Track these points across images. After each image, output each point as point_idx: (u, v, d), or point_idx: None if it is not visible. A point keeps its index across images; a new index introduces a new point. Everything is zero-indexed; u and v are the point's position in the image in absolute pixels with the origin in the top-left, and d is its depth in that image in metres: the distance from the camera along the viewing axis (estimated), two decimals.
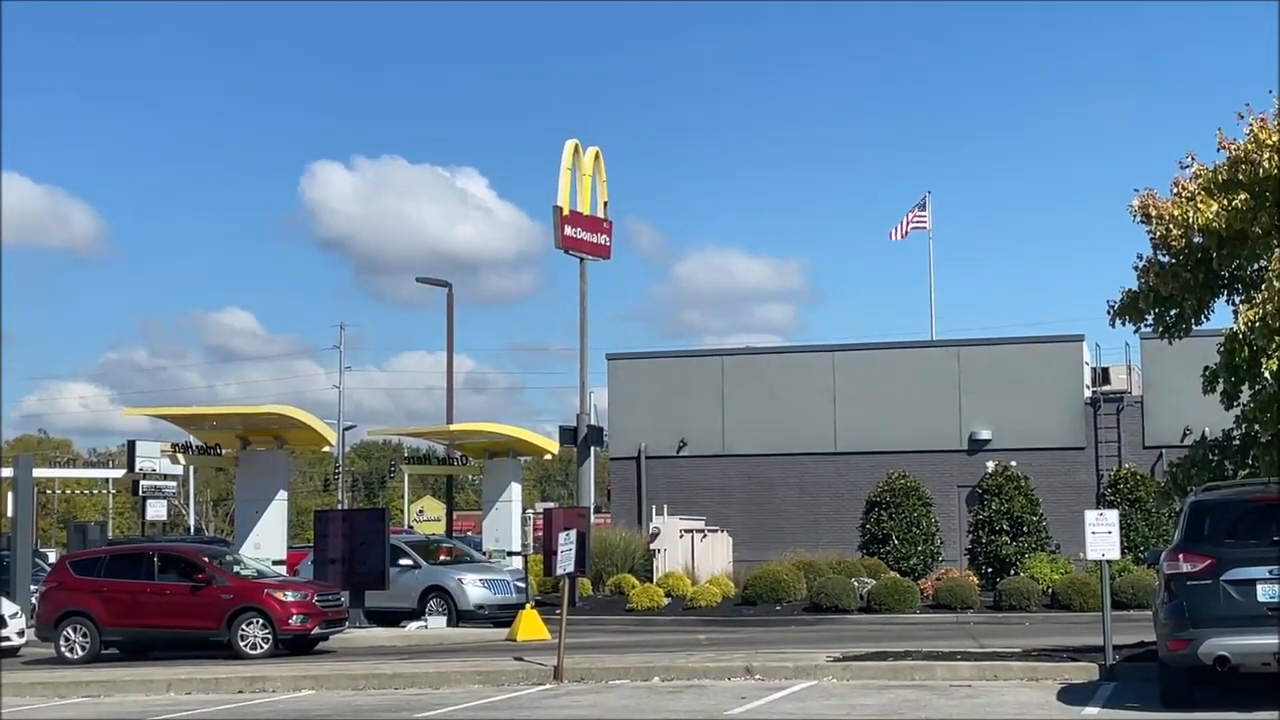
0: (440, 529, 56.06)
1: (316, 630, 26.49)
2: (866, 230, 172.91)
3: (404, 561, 33.27)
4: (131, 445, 45.30)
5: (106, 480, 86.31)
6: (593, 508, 40.95)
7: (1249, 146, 18.78)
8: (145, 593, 26.59)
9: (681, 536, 38.14)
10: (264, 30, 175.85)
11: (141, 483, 49.47)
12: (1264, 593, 14.90)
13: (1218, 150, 19.45)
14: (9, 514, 41.87)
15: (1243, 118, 19.04)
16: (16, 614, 28.20)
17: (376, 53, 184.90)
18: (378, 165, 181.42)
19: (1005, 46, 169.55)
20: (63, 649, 26.40)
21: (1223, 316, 20.41)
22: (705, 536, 39.12)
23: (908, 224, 52.84)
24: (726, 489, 44.53)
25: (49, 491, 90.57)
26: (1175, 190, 19.67)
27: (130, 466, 45.64)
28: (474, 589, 32.52)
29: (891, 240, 53.55)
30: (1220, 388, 19.82)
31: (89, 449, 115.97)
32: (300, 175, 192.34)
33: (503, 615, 31.64)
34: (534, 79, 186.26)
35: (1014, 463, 38.79)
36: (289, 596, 26.34)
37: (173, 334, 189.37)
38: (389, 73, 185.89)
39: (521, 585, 33.00)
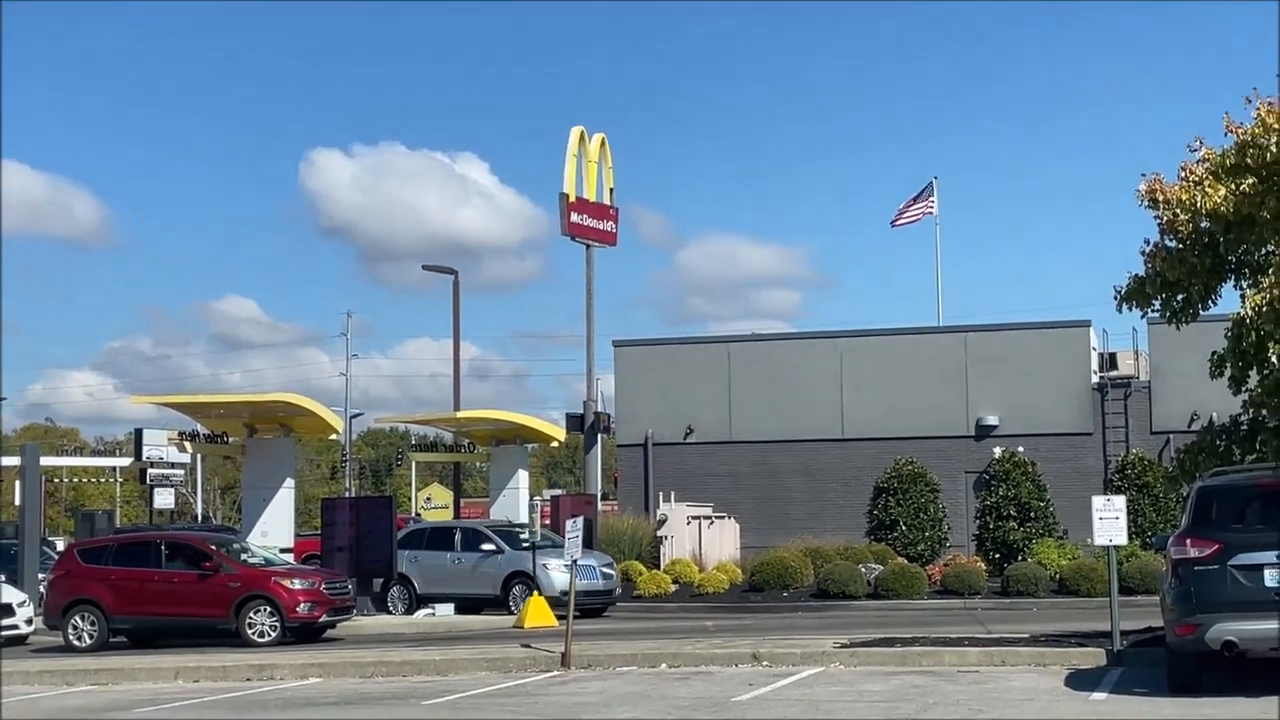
0: (448, 516, 56.08)
1: (324, 618, 26.54)
2: (872, 217, 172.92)
3: (486, 547, 32.34)
4: (139, 434, 45.50)
5: (114, 469, 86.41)
6: (600, 495, 41.02)
7: (1256, 131, 18.73)
8: (153, 581, 26.63)
9: (688, 523, 38.16)
10: (263, 17, 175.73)
11: (149, 471, 49.62)
12: (1271, 578, 14.89)
13: (1225, 135, 19.40)
14: (17, 503, 41.95)
15: (1250, 102, 19.00)
16: (24, 602, 28.27)
17: (372, 39, 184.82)
18: (377, 152, 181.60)
19: (1012, 33, 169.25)
20: (70, 637, 26.44)
21: (1230, 301, 20.39)
22: (712, 523, 39.13)
23: (912, 210, 52.65)
24: (733, 475, 44.52)
25: (56, 480, 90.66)
26: (1182, 175, 19.63)
27: (138, 455, 45.84)
28: (560, 575, 30.28)
29: (895, 228, 53.38)
30: (1228, 373, 19.81)
31: (95, 437, 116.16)
32: (300, 163, 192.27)
33: (589, 603, 30.89)
34: (534, 65, 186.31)
35: (1021, 448, 38.74)
36: (296, 584, 26.37)
37: (176, 322, 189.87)
38: (385, 59, 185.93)
39: (610, 572, 32.24)
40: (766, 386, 44.81)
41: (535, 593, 29.19)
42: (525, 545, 31.96)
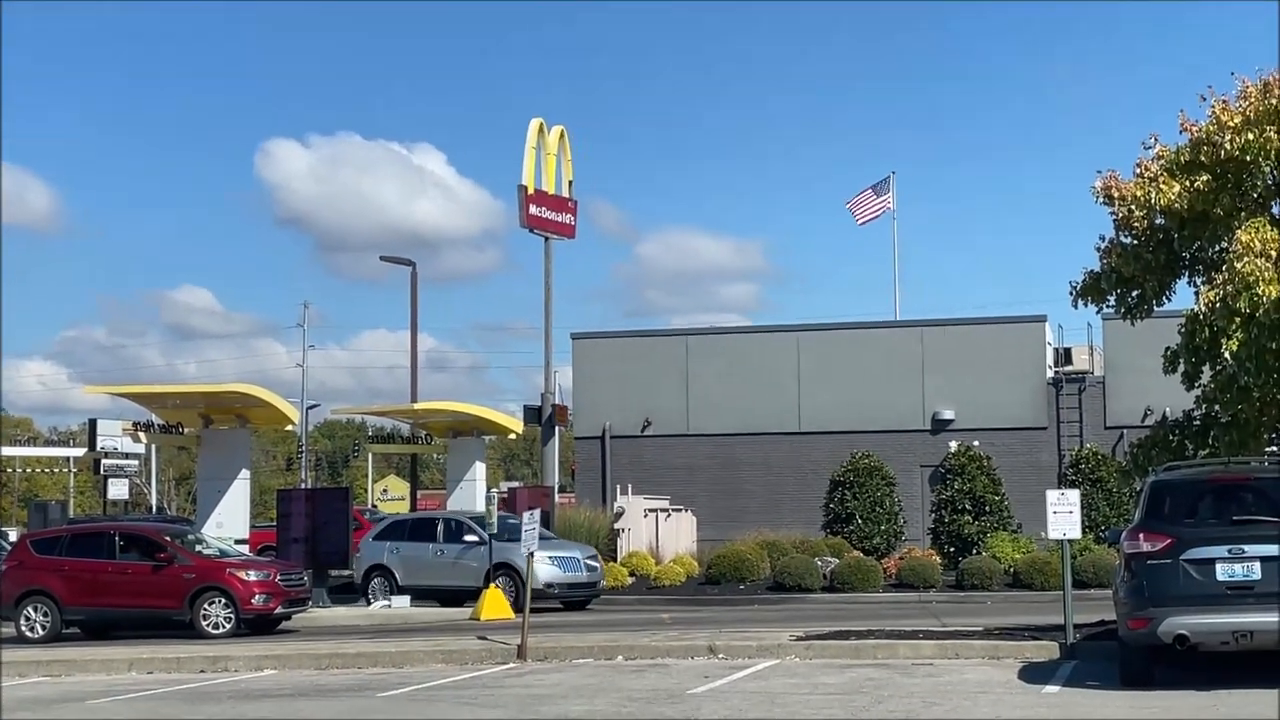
0: (404, 508, 55.95)
1: (279, 610, 26.42)
2: (830, 211, 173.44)
3: (469, 538, 31.70)
4: (93, 424, 45.19)
5: (68, 459, 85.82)
6: (557, 487, 40.98)
7: (1211, 128, 18.89)
8: (107, 572, 26.44)
9: (646, 516, 38.19)
10: (218, 5, 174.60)
11: (103, 461, 49.29)
12: (1223, 572, 15.00)
13: (1180, 132, 19.60)
14: None
15: (1205, 100, 19.17)
16: None
17: (328, 29, 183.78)
18: (333, 143, 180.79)
19: (970, 28, 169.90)
20: (23, 628, 26.22)
21: (1184, 297, 20.59)
22: (669, 516, 39.18)
23: (871, 206, 52.78)
24: (691, 468, 44.59)
25: (9, 470, 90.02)
26: (1138, 171, 19.79)
27: (92, 445, 45.53)
28: (544, 567, 30.04)
29: (860, 226, 53.48)
30: (1181, 368, 19.97)
31: (49, 428, 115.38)
32: (255, 153, 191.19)
33: (573, 595, 30.88)
34: (491, 56, 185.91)
35: (976, 443, 38.97)
36: (251, 576, 26.24)
37: (131, 312, 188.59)
38: (340, 49, 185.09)
39: (594, 564, 31.94)
40: (724, 380, 44.90)
41: (492, 585, 29.12)
42: (507, 537, 31.09)
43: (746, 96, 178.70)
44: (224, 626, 25.60)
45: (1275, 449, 20.48)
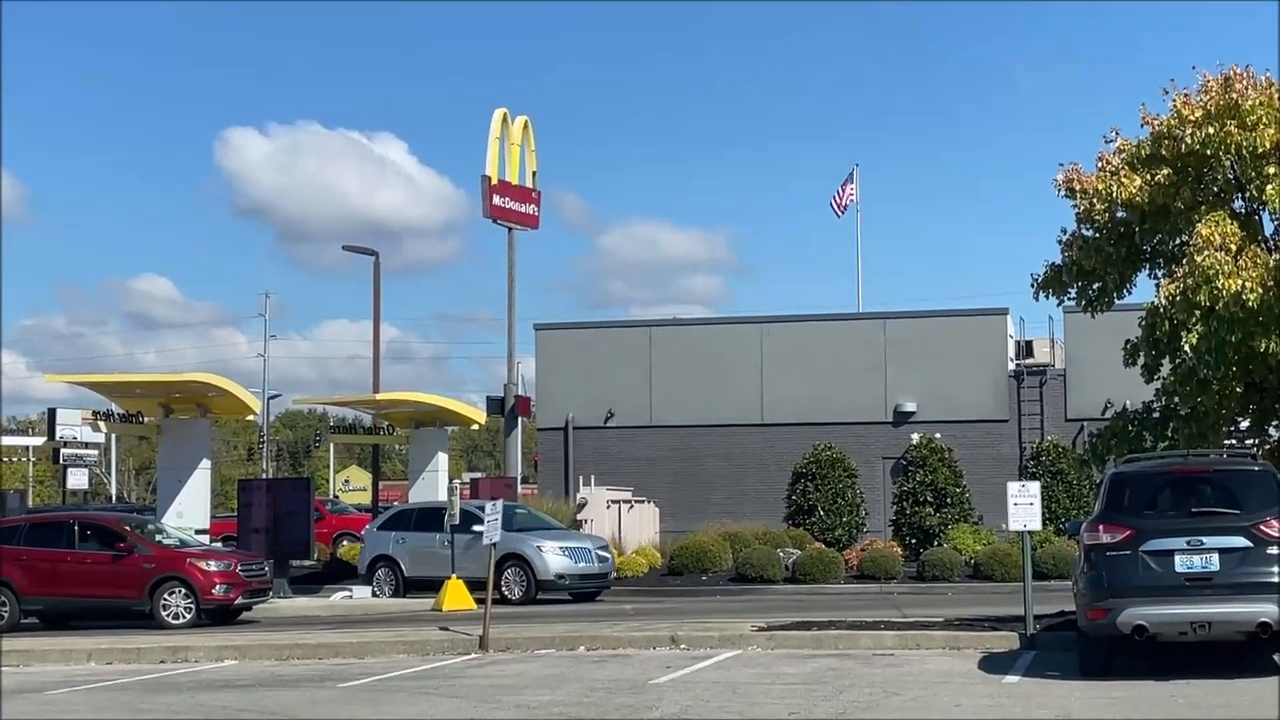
0: (366, 499, 55.75)
1: (240, 600, 26.32)
2: (792, 203, 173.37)
3: (477, 528, 31.30)
4: (52, 413, 44.78)
5: (27, 448, 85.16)
6: (520, 478, 40.92)
7: (1172, 122, 19.01)
8: (66, 561, 26.29)
9: (608, 507, 38.18)
10: None
11: (62, 451, 48.90)
12: (1181, 563, 15.12)
13: (1141, 125, 19.71)
14: None
15: (1167, 93, 19.28)
16: None
17: (286, 17, 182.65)
18: (293, 131, 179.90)
19: (930, 20, 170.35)
20: None
21: (1144, 291, 20.72)
22: (632, 507, 39.19)
23: (844, 198, 52.94)
24: (654, 460, 44.62)
25: None
26: (1099, 165, 19.90)
27: (51, 434, 45.14)
28: (554, 557, 29.93)
29: (836, 216, 53.55)
30: (1141, 361, 20.11)
31: (8, 417, 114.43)
32: (214, 141, 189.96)
33: (583, 586, 30.47)
34: (453, 45, 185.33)
35: (938, 435, 39.08)
36: (212, 566, 26.14)
37: (90, 300, 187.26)
38: (298, 35, 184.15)
39: (605, 554, 31.48)
40: (687, 371, 44.92)
41: (453, 576, 29.02)
42: (516, 528, 30.79)
43: (710, 89, 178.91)
44: (184, 617, 25.49)
45: (1234, 441, 20.65)
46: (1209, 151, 18.60)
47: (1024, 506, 18.81)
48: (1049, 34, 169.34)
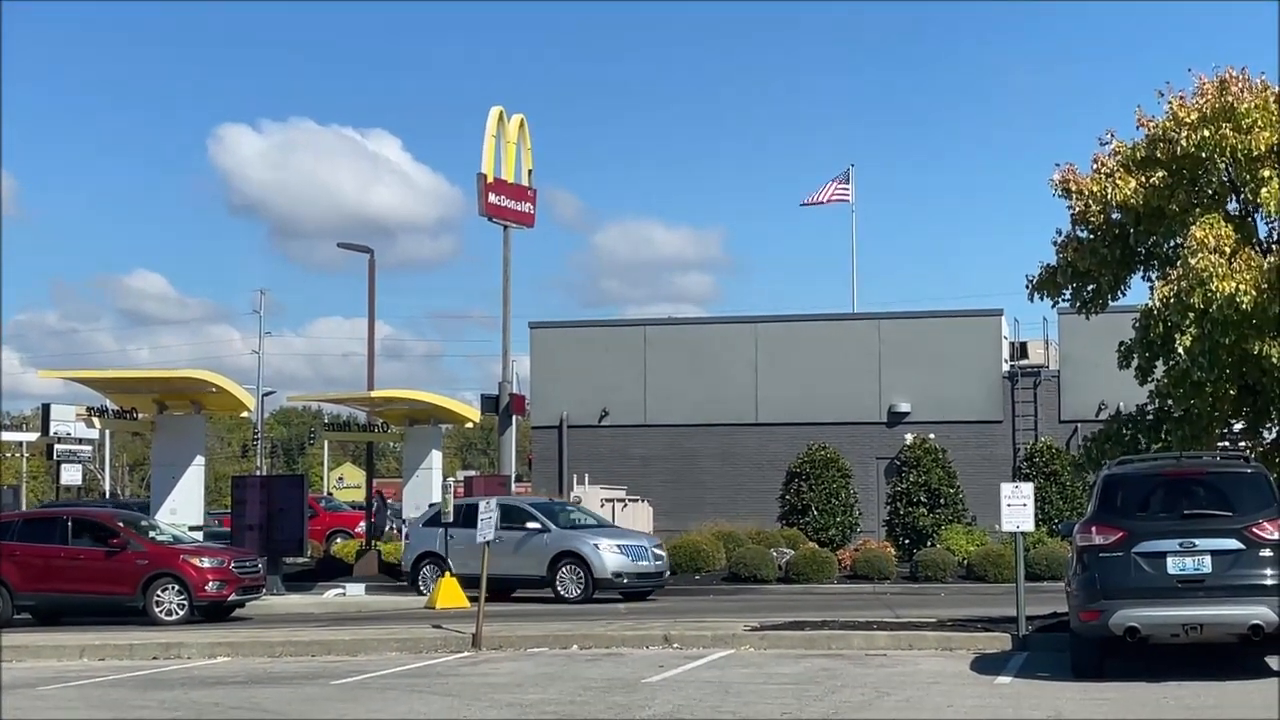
0: (360, 496, 55.77)
1: (233, 597, 26.31)
2: (787, 202, 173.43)
3: (530, 525, 30.23)
4: (46, 409, 44.71)
5: (20, 444, 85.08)
6: (514, 476, 40.91)
7: (1168, 125, 19.04)
8: (59, 558, 26.27)
9: (602, 506, 38.17)
10: None
11: (56, 447, 48.85)
12: (1174, 565, 15.14)
13: (1137, 128, 19.74)
14: None
15: (1163, 95, 19.32)
16: None
17: (275, 11, 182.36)
18: (286, 128, 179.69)
19: (925, 19, 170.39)
20: None
21: (1139, 293, 20.75)
22: (626, 506, 39.21)
23: (828, 192, 52.95)
24: (648, 459, 44.61)
25: None
26: (1095, 167, 19.93)
27: (45, 430, 45.08)
28: (612, 555, 29.36)
29: (809, 203, 53.49)
30: (1135, 363, 20.15)
31: (3, 412, 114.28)
32: (208, 138, 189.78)
33: (640, 585, 29.81)
34: (446, 41, 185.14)
35: (932, 435, 39.11)
36: (205, 563, 26.13)
37: (83, 296, 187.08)
38: (290, 32, 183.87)
39: (660, 553, 30.97)
40: (682, 370, 44.91)
41: (446, 574, 29.02)
42: (571, 524, 30.72)
43: (705, 88, 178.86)
44: (177, 613, 25.48)
45: (1227, 443, 20.68)
46: (1204, 154, 18.63)
47: (1017, 507, 18.83)
48: (1046, 34, 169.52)
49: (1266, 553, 15.09)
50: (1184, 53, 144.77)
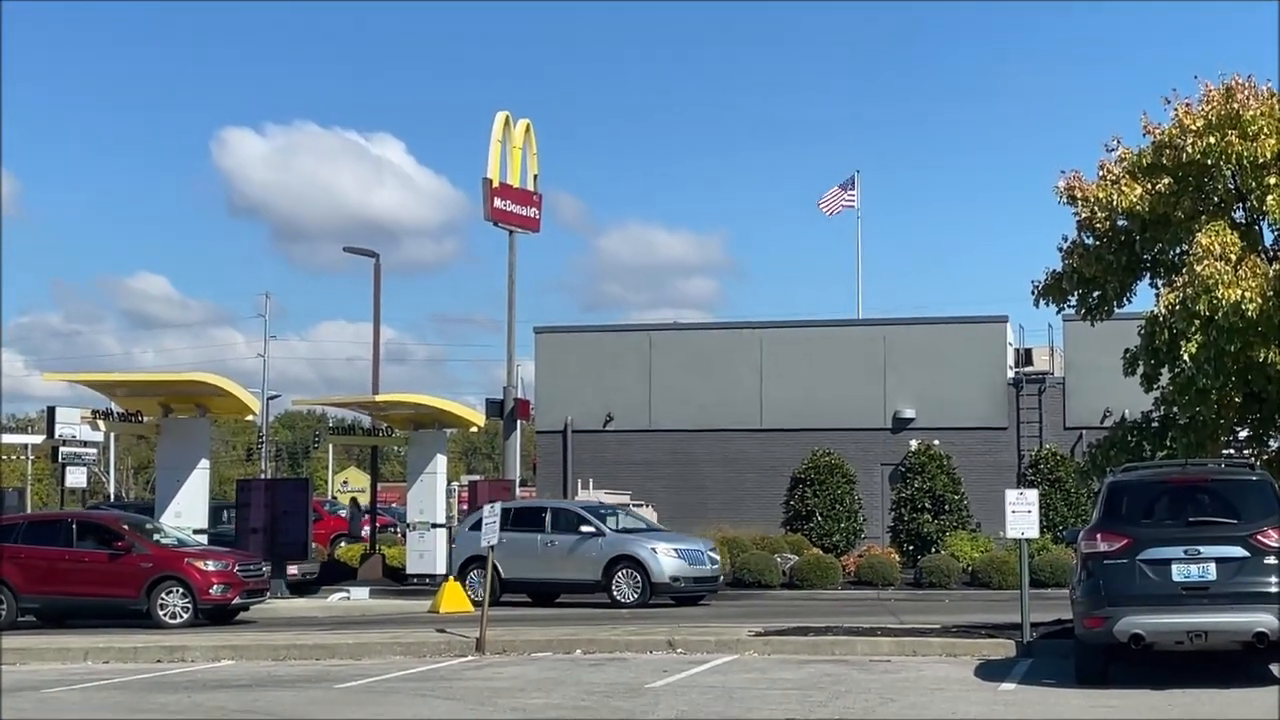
0: (364, 500, 55.73)
1: (237, 600, 26.31)
2: (791, 207, 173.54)
3: (585, 529, 29.95)
4: (51, 411, 44.71)
5: (25, 446, 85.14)
6: (518, 481, 40.91)
7: (1173, 131, 19.04)
8: (63, 560, 26.29)
9: None
10: None
11: (61, 449, 48.90)
12: (1178, 572, 15.12)
13: (1143, 134, 19.74)
14: None
15: (1169, 102, 19.31)
16: None
17: (279, 14, 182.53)
18: (289, 131, 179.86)
19: (929, 23, 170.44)
20: None
21: (1144, 299, 20.75)
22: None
23: (836, 201, 52.96)
24: (652, 464, 44.57)
25: None
26: (1100, 173, 19.92)
27: (50, 433, 45.09)
28: (669, 559, 29.11)
29: (821, 212, 53.53)
30: (1140, 370, 20.12)
31: (6, 415, 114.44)
32: (210, 141, 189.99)
33: (697, 590, 29.62)
34: (450, 44, 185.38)
35: (937, 441, 39.09)
36: (209, 566, 26.14)
37: (86, 298, 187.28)
38: (294, 34, 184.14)
39: (715, 556, 30.65)
40: (686, 375, 44.88)
41: (449, 579, 29.00)
42: (623, 528, 30.45)
43: (709, 92, 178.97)
44: (181, 616, 25.49)
45: (1232, 451, 20.66)
46: (1210, 161, 18.62)
47: (1022, 514, 18.83)
48: (1052, 38, 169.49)
49: (1271, 560, 15.07)
50: (1187, 54, 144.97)
